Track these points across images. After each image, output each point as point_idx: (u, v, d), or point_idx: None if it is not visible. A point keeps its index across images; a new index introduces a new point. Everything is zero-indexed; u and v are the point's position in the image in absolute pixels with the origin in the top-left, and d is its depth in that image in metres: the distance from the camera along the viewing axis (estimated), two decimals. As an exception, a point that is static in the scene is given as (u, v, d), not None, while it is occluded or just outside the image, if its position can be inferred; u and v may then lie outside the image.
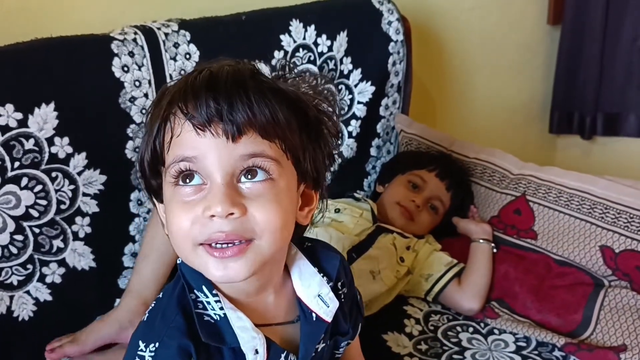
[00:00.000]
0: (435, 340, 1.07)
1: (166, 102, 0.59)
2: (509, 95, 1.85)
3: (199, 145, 0.57)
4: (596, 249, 1.12)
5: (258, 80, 0.60)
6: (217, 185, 0.57)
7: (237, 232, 0.57)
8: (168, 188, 0.60)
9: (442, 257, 1.19)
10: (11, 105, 0.92)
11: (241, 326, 0.62)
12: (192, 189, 0.59)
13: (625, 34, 1.74)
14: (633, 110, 1.78)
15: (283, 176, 0.60)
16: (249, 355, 0.62)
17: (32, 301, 0.98)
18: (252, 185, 0.58)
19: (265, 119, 0.58)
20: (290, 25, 1.20)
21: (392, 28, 1.34)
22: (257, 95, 0.58)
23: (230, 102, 0.57)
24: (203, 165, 0.58)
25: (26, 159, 0.94)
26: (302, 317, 0.67)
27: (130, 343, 0.64)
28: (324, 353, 0.71)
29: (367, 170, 1.42)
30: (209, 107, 0.56)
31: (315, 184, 0.66)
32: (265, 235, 0.58)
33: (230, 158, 0.57)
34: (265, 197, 0.58)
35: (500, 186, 1.28)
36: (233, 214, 0.57)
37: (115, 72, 1.01)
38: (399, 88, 1.40)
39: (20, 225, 0.94)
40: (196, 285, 0.63)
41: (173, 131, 0.59)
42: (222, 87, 0.57)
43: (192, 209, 0.58)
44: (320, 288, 0.68)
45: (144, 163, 0.62)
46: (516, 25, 1.78)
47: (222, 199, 0.56)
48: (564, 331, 1.07)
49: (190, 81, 0.59)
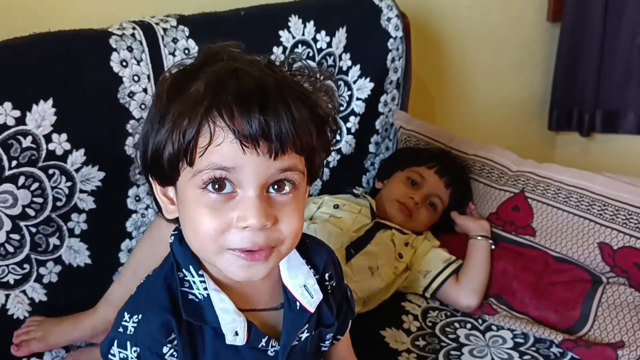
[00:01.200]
0: (433, 337, 1.07)
1: (203, 108, 0.57)
2: (508, 92, 1.85)
3: (239, 158, 0.57)
4: (594, 246, 1.12)
5: (293, 90, 0.60)
6: (251, 196, 0.59)
7: (267, 243, 0.60)
8: (193, 190, 0.60)
9: (440, 254, 1.20)
10: (9, 104, 0.91)
11: (223, 307, 0.64)
12: (223, 196, 0.59)
13: (625, 31, 1.74)
14: (632, 108, 1.78)
15: (303, 183, 0.63)
16: (228, 336, 0.64)
17: (28, 301, 0.98)
18: (278, 196, 0.61)
19: (305, 134, 0.59)
20: (289, 21, 1.20)
21: (392, 24, 1.34)
22: (297, 113, 0.58)
23: (278, 121, 0.57)
24: (238, 175, 0.58)
25: (23, 157, 0.93)
26: (286, 305, 0.69)
27: (117, 315, 0.66)
28: (307, 344, 0.72)
29: (366, 166, 1.41)
30: (260, 125, 0.56)
31: (313, 179, 0.68)
32: (287, 241, 0.62)
33: (267, 171, 0.59)
34: (290, 207, 0.61)
35: (499, 183, 1.28)
36: (266, 225, 0.59)
37: (114, 67, 1.01)
38: (398, 84, 1.40)
39: (17, 224, 0.94)
40: (184, 264, 0.65)
41: (213, 139, 0.57)
42: (271, 105, 0.57)
43: (223, 216, 0.59)
44: (307, 279, 0.70)
45: (163, 154, 0.60)
46: (516, 22, 1.78)
47: (257, 212, 0.58)
48: (561, 328, 1.07)
49: (232, 90, 0.57)
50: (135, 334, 0.63)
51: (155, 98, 0.63)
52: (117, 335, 0.64)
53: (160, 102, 0.61)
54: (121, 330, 0.64)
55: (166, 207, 0.66)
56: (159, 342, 0.63)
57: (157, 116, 0.61)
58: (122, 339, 0.63)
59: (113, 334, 0.64)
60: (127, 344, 0.63)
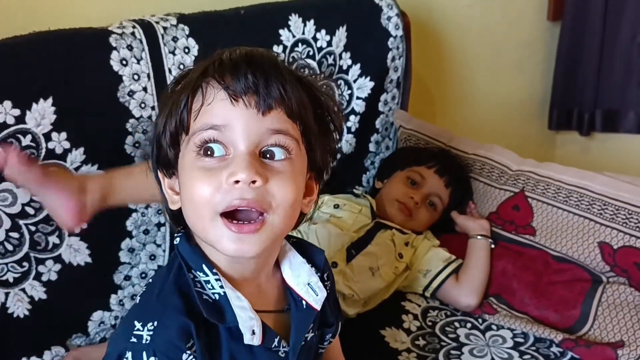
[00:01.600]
0: (433, 336, 1.07)
1: (197, 74, 0.61)
2: (508, 92, 1.84)
3: (229, 114, 0.59)
4: (594, 245, 1.12)
5: (287, 67, 0.63)
6: (242, 153, 0.59)
7: (257, 201, 0.59)
8: (189, 156, 0.61)
9: (440, 253, 1.19)
10: (9, 102, 0.91)
11: (240, 306, 0.63)
12: (216, 159, 0.60)
13: (625, 31, 1.73)
14: (632, 107, 1.78)
15: (299, 158, 0.63)
16: (246, 334, 0.62)
17: (28, 299, 0.97)
18: (272, 162, 0.61)
19: (294, 99, 0.61)
20: (290, 20, 1.19)
21: (392, 23, 1.34)
22: (289, 77, 0.61)
23: (267, 77, 0.60)
24: (229, 135, 0.60)
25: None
26: (293, 306, 0.69)
27: (124, 325, 0.63)
28: (312, 344, 0.72)
29: (366, 165, 1.41)
30: (247, 78, 0.59)
31: (318, 175, 0.68)
32: (279, 209, 0.61)
33: (257, 130, 0.60)
34: (284, 174, 0.61)
35: (499, 182, 1.28)
36: (255, 181, 0.58)
37: (114, 66, 1.01)
38: (398, 84, 1.40)
39: (16, 223, 0.94)
40: (195, 264, 0.64)
41: (204, 99, 0.60)
42: (259, 64, 0.60)
43: (215, 176, 0.59)
44: (310, 277, 0.70)
45: (164, 134, 0.63)
46: (516, 22, 1.78)
47: (247, 166, 0.58)
48: (561, 327, 1.07)
49: (225, 56, 0.61)
50: (152, 342, 0.59)
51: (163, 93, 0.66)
52: (130, 346, 0.59)
53: (164, 96, 0.65)
54: (134, 340, 0.59)
55: (171, 198, 0.66)
56: (179, 348, 0.60)
57: (160, 106, 0.65)
58: (137, 349, 0.59)
59: (124, 345, 0.60)
60: (143, 354, 0.59)
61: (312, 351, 0.73)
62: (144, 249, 1.08)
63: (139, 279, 1.09)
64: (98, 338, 1.06)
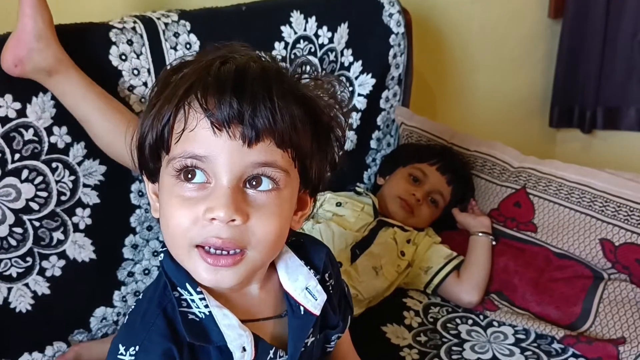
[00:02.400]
0: (435, 332, 1.07)
1: (183, 90, 0.56)
2: (509, 89, 1.84)
3: (211, 145, 0.55)
4: (596, 242, 1.12)
5: (282, 82, 0.57)
6: (223, 187, 0.55)
7: (233, 240, 0.56)
8: (168, 179, 0.58)
9: (441, 250, 1.20)
10: (10, 96, 0.91)
11: (227, 324, 0.60)
12: (196, 186, 0.57)
13: (626, 28, 1.73)
14: (633, 104, 1.78)
15: (288, 185, 0.59)
16: (236, 353, 0.60)
17: (31, 294, 0.97)
18: (256, 193, 0.57)
19: (284, 127, 0.55)
20: (291, 17, 1.19)
21: (393, 20, 1.34)
22: (281, 102, 0.55)
23: (254, 106, 0.54)
24: (211, 165, 0.56)
25: (26, 150, 0.93)
26: (290, 311, 0.65)
27: (111, 347, 0.63)
28: (314, 347, 0.69)
29: (367, 162, 1.41)
30: (232, 108, 0.54)
31: (313, 190, 0.65)
32: (259, 246, 0.58)
33: (241, 163, 0.55)
34: (268, 208, 0.57)
35: (501, 179, 1.28)
36: (234, 220, 0.55)
37: (113, 61, 1.00)
38: (399, 80, 1.40)
39: (20, 218, 0.94)
40: (179, 282, 0.61)
41: (186, 123, 0.56)
42: (248, 89, 0.55)
43: (193, 208, 0.56)
44: (308, 281, 0.66)
45: (145, 143, 0.59)
46: (517, 19, 1.78)
47: (227, 203, 0.54)
48: (563, 324, 1.07)
49: (213, 73, 0.56)
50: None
51: (150, 92, 0.62)
52: None
53: (153, 92, 0.61)
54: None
55: (154, 205, 0.64)
56: None
57: (147, 108, 0.60)
58: None
59: None
60: None
61: (315, 353, 0.70)
62: (147, 246, 1.09)
63: (142, 275, 1.09)
64: (100, 334, 1.06)
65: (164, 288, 0.62)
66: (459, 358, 1.00)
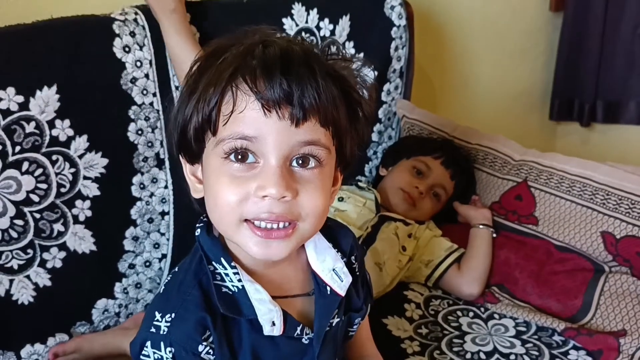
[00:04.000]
0: (436, 325, 1.07)
1: (228, 73, 0.57)
2: (510, 82, 1.84)
3: (261, 125, 0.57)
4: (597, 235, 1.12)
5: (322, 63, 0.59)
6: (272, 166, 0.57)
7: (285, 214, 0.58)
8: (215, 159, 0.59)
9: (442, 243, 1.20)
10: (12, 89, 0.91)
11: (259, 298, 0.63)
12: (245, 166, 0.58)
13: (627, 21, 1.73)
14: (633, 98, 1.78)
15: (329, 162, 0.61)
16: (265, 327, 0.62)
17: (32, 286, 0.97)
18: (302, 170, 0.59)
19: (328, 106, 0.58)
20: (293, 9, 1.19)
21: (395, 13, 1.33)
22: (323, 82, 0.57)
23: (302, 86, 0.56)
24: (260, 146, 0.58)
25: (27, 142, 0.93)
26: (317, 291, 0.67)
27: (146, 315, 0.64)
28: (338, 329, 0.71)
29: (369, 155, 1.41)
30: (282, 89, 0.56)
31: (345, 167, 0.67)
32: (309, 218, 0.60)
33: (289, 142, 0.58)
34: (315, 184, 0.59)
35: (502, 172, 1.28)
36: (285, 197, 0.57)
37: (117, 53, 1.00)
38: (401, 73, 1.39)
39: (20, 210, 0.94)
40: (214, 257, 0.64)
41: (235, 105, 0.57)
42: (295, 70, 0.57)
43: (243, 185, 0.58)
44: (335, 262, 0.68)
45: (189, 125, 0.60)
46: (518, 12, 1.77)
47: (278, 181, 0.57)
48: (564, 316, 1.08)
49: (258, 56, 0.57)
50: (169, 334, 0.61)
51: (187, 75, 0.62)
52: (150, 336, 0.62)
53: (190, 78, 0.61)
54: (153, 330, 0.62)
55: (194, 186, 0.65)
56: (195, 340, 0.61)
57: (187, 92, 0.61)
58: (155, 340, 0.61)
59: (144, 335, 0.62)
60: (161, 344, 0.61)
61: (339, 336, 0.72)
62: (148, 238, 1.08)
63: (143, 267, 1.09)
64: (102, 326, 1.06)
65: (200, 261, 0.64)
66: (459, 350, 1.01)
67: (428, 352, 1.00)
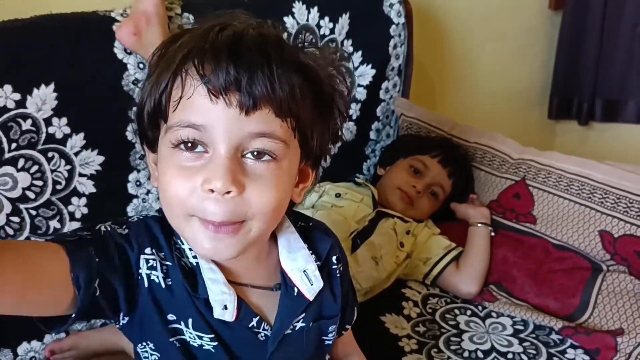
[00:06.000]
0: (433, 323, 1.07)
1: (180, 56, 0.55)
2: (509, 80, 1.84)
3: (209, 113, 0.54)
4: (595, 234, 1.12)
5: (281, 50, 0.56)
6: (220, 157, 0.55)
7: (230, 216, 0.56)
8: (165, 148, 0.57)
9: (440, 241, 1.20)
10: (9, 86, 0.91)
11: (212, 278, 0.60)
12: (194, 155, 0.56)
13: (626, 20, 1.73)
14: (632, 97, 1.78)
15: (287, 156, 0.58)
16: (216, 309, 0.60)
17: (29, 282, 0.97)
18: (254, 163, 0.56)
19: (283, 95, 0.54)
20: (294, 7, 1.19)
21: (394, 11, 1.33)
22: (280, 69, 0.54)
23: (251, 72, 0.53)
24: (209, 135, 0.55)
25: (23, 139, 0.93)
26: (284, 289, 0.65)
27: None
28: (304, 335, 0.67)
29: (367, 153, 1.41)
30: (229, 74, 0.53)
31: (315, 162, 0.64)
32: (257, 217, 0.57)
33: (239, 132, 0.55)
34: (265, 179, 0.56)
35: (500, 170, 1.28)
36: (230, 192, 0.55)
37: (118, 54, 1.00)
38: (399, 71, 1.39)
39: (16, 207, 0.94)
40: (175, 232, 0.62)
41: (184, 91, 0.55)
42: (245, 55, 0.54)
43: (191, 178, 0.55)
44: (307, 264, 0.65)
45: (143, 110, 0.59)
46: (517, 10, 1.77)
47: (224, 174, 0.54)
48: (561, 315, 1.08)
49: (210, 38, 0.55)
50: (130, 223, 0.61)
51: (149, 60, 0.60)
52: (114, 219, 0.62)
53: (151, 62, 0.59)
54: None
55: (153, 174, 0.63)
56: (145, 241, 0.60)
57: (147, 77, 0.59)
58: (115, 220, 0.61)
59: None
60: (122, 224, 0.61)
61: (307, 344, 0.68)
62: (144, 235, 1.08)
63: (139, 265, 1.08)
64: (99, 323, 1.06)
65: None
66: (457, 348, 1.01)
67: (426, 350, 1.00)
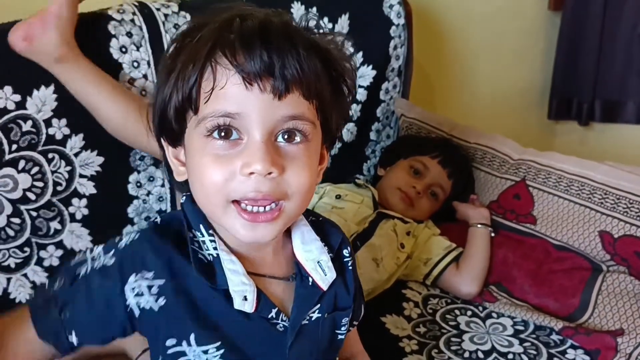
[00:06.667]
0: (434, 323, 1.07)
1: (206, 49, 0.56)
2: (508, 81, 1.84)
3: (243, 100, 0.56)
4: (595, 234, 1.12)
5: (302, 34, 0.58)
6: (257, 142, 0.56)
7: (272, 193, 0.57)
8: (198, 138, 0.58)
9: (440, 241, 1.20)
10: (9, 88, 0.91)
11: (232, 269, 0.61)
12: (228, 143, 0.57)
13: (625, 21, 1.73)
14: (631, 97, 1.78)
15: (315, 137, 0.60)
16: (236, 299, 0.61)
17: (30, 284, 0.97)
18: (287, 146, 0.58)
19: (311, 77, 0.57)
20: (292, 8, 1.19)
21: (394, 11, 1.33)
22: (305, 53, 0.56)
23: (283, 57, 0.55)
24: (243, 122, 0.56)
25: (23, 140, 0.93)
26: (299, 279, 0.66)
27: None
28: (320, 326, 0.68)
29: (367, 154, 1.41)
30: (262, 60, 0.54)
31: (331, 143, 0.66)
32: (295, 196, 0.59)
33: (273, 117, 0.56)
34: (300, 160, 0.58)
35: (500, 171, 1.28)
36: (272, 173, 0.56)
37: (114, 54, 1.00)
38: (399, 72, 1.39)
39: (17, 208, 0.94)
40: (195, 223, 0.63)
41: (216, 81, 0.56)
42: (274, 41, 0.55)
43: (228, 164, 0.57)
44: (321, 255, 0.67)
45: (169, 107, 0.59)
46: (517, 11, 1.77)
47: (263, 157, 0.55)
48: (561, 315, 1.08)
49: (236, 30, 0.56)
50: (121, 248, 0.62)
51: (164, 56, 0.61)
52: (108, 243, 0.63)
53: (168, 58, 0.60)
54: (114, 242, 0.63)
55: (177, 169, 0.64)
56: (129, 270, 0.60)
57: (165, 72, 0.60)
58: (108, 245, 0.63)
59: None
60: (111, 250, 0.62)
61: (322, 336, 0.69)
62: (145, 236, 1.08)
63: (140, 266, 1.09)
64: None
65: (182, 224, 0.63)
66: (458, 349, 1.01)
67: (426, 350, 1.00)
